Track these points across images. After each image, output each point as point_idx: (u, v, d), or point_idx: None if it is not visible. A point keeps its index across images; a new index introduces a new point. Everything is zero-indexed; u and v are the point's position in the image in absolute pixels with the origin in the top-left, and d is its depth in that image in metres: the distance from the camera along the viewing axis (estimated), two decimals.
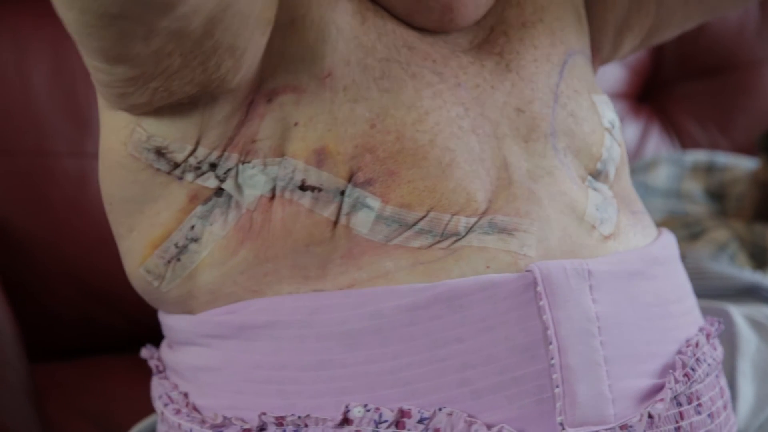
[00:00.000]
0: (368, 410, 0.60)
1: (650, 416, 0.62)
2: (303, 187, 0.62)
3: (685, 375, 0.65)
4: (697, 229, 1.20)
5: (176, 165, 0.63)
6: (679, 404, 0.65)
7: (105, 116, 0.65)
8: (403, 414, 0.60)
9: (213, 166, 0.63)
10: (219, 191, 0.64)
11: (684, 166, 1.38)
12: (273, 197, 0.63)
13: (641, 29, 0.80)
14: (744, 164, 1.37)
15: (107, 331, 1.14)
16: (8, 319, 0.99)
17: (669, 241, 0.73)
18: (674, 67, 1.50)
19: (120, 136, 0.64)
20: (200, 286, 0.65)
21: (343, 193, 0.63)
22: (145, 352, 0.76)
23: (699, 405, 0.67)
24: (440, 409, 0.60)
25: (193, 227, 0.64)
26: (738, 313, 0.92)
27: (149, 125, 0.62)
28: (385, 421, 0.60)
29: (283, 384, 0.62)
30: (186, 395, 0.67)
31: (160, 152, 0.63)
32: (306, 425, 0.61)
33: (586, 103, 0.71)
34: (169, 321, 0.70)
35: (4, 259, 1.08)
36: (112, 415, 1.03)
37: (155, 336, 1.08)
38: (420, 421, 0.60)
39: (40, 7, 1.08)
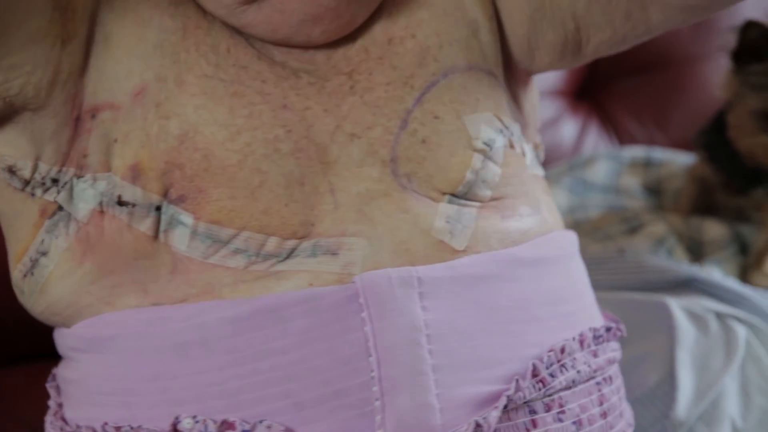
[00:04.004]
0: (197, 422, 0.60)
1: (478, 425, 0.60)
2: (120, 203, 0.63)
3: (540, 381, 0.64)
4: (636, 223, 1.21)
5: (27, 182, 0.65)
6: (533, 411, 0.64)
7: None
8: (227, 425, 0.60)
9: (55, 182, 0.65)
10: (62, 206, 0.65)
11: (622, 161, 1.39)
12: (102, 211, 0.64)
13: (551, 45, 0.75)
14: (680, 160, 1.39)
15: (47, 337, 1.12)
16: None
17: (554, 240, 0.71)
18: (611, 64, 1.52)
19: None
20: (57, 300, 0.66)
21: (159, 209, 0.63)
22: None
23: (562, 412, 0.65)
24: (261, 422, 0.60)
25: (42, 241, 0.66)
26: (677, 305, 0.93)
27: None
28: None
29: (125, 396, 0.63)
30: (60, 406, 0.70)
31: (11, 171, 0.65)
32: None
33: (450, 128, 0.67)
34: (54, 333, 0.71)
35: None
36: None
37: None
38: None
39: None
